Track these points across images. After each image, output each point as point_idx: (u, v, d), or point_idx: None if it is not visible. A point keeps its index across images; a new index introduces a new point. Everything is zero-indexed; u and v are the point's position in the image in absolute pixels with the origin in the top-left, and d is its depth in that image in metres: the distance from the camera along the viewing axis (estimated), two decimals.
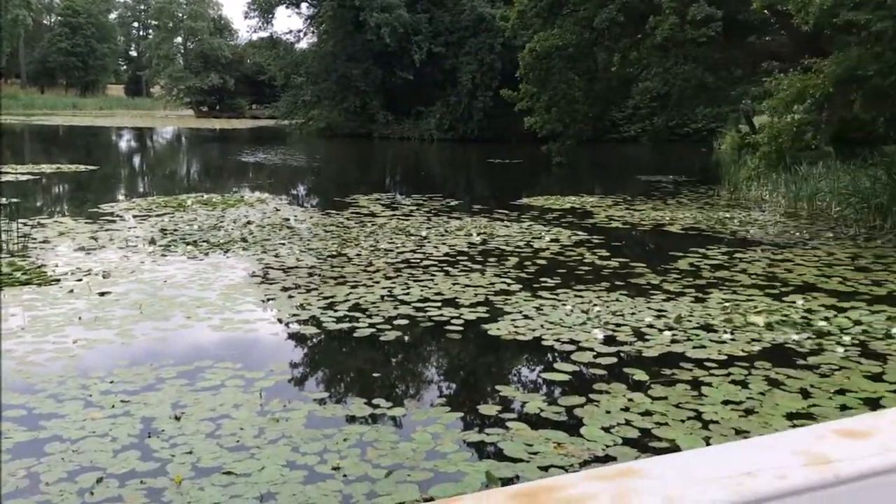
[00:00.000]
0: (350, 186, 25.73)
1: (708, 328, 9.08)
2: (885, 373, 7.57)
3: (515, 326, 9.14)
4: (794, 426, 5.23)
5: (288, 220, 17.64)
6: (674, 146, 45.46)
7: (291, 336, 9.21)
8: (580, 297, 10.54)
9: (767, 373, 7.57)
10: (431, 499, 5.12)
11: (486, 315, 9.67)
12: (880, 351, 8.24)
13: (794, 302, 10.26)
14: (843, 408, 6.66)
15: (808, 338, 8.70)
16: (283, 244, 14.44)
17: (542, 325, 9.15)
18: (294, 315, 9.75)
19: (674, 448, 5.84)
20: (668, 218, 18.59)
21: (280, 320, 9.68)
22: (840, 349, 8.27)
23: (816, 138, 21.11)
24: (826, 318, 9.48)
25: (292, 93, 59.32)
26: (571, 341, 8.57)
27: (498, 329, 9.08)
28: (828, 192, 20.22)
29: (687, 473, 1.12)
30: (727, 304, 10.12)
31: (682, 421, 6.46)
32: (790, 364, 7.84)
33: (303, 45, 61.64)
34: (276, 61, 61.37)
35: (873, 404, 6.72)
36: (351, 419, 6.60)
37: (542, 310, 9.84)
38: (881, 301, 10.42)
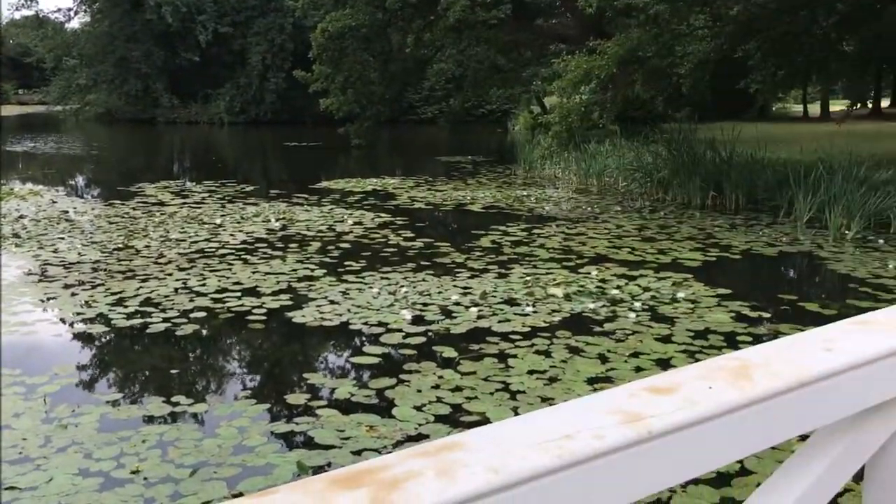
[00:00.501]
0: (135, 174, 24.36)
1: (511, 302, 9.41)
2: (674, 334, 8.19)
3: (321, 312, 9.03)
4: (595, 390, 5.54)
5: (67, 212, 16.39)
6: (471, 127, 46.81)
7: (77, 336, 8.56)
8: (386, 279, 10.59)
9: (568, 341, 7.96)
10: (240, 494, 4.94)
11: (290, 303, 9.48)
12: (668, 315, 8.91)
13: (589, 273, 10.88)
14: (638, 369, 7.14)
15: (604, 306, 9.25)
16: (63, 238, 13.39)
17: (348, 310, 9.10)
18: (79, 314, 9.07)
19: (484, 420, 6.01)
20: (469, 197, 19.10)
21: (63, 320, 8.97)
22: (632, 315, 8.86)
23: (603, 117, 22.46)
24: (618, 287, 10.12)
25: (65, 76, 55.25)
26: (380, 324, 8.58)
27: (303, 316, 8.92)
28: (615, 169, 21.63)
29: (509, 442, 1.11)
30: (528, 279, 10.55)
31: (491, 393, 6.66)
32: (588, 332, 8.30)
33: (74, 24, 57.54)
34: (44, 42, 56.90)
35: (664, 364, 7.26)
36: (149, 419, 6.24)
37: (348, 294, 9.78)
38: (667, 268, 11.27)
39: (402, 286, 10.16)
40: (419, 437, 5.77)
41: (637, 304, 9.26)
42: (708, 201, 17.56)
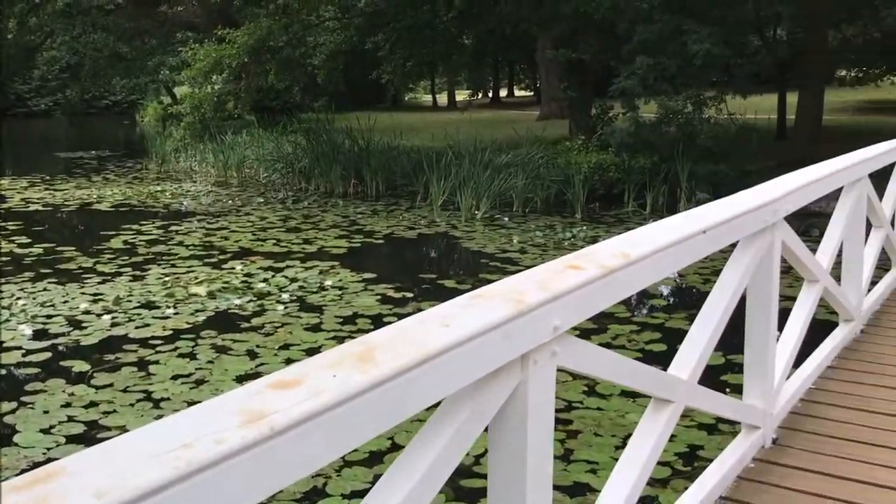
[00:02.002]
0: None
1: (150, 305, 8.91)
2: (323, 322, 8.34)
3: None
4: None
5: None
6: (93, 119, 43.52)
7: None
8: None
9: (214, 341, 7.74)
10: None
11: None
12: (317, 303, 9.05)
13: (234, 268, 10.68)
14: (289, 361, 7.16)
15: (250, 300, 9.13)
16: None
17: None
18: None
19: None
20: (95, 196, 17.74)
21: None
22: (280, 307, 8.86)
23: (238, 107, 22.17)
24: (265, 280, 10.06)
25: None
26: None
27: None
28: (255, 160, 21.45)
29: (122, 460, 1.02)
30: (167, 279, 10.08)
31: (132, 405, 6.25)
32: (235, 329, 8.15)
33: None
34: None
35: (315, 353, 7.36)
36: None
37: None
38: (313, 257, 11.44)
39: (20, 299, 9.14)
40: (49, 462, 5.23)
41: (285, 296, 9.28)
42: (350, 189, 18.15)
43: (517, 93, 56.82)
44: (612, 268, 1.89)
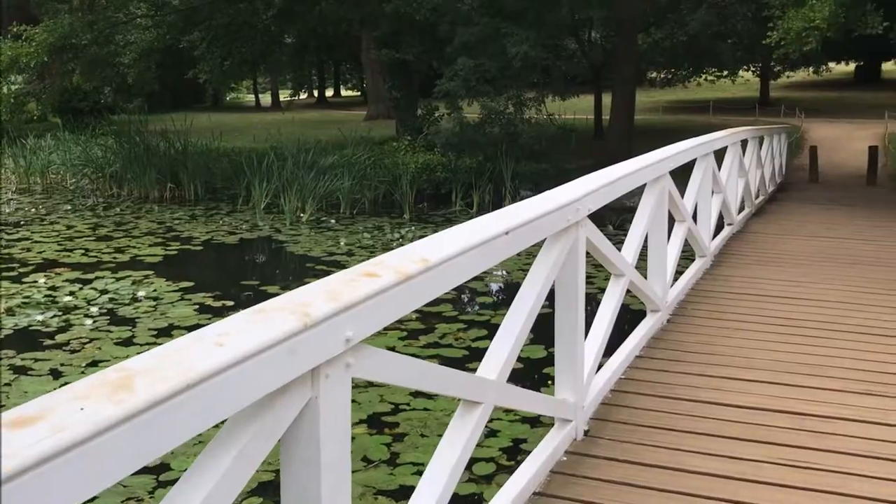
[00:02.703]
0: None
1: None
2: (136, 336, 7.91)
3: None
4: None
5: None
6: None
7: None
8: None
9: (12, 361, 7.17)
10: None
11: None
12: (129, 316, 8.58)
13: (37, 281, 9.96)
14: None
15: (55, 316, 8.54)
16: None
17: None
18: None
19: None
20: None
21: None
22: (89, 321, 8.34)
23: (40, 109, 20.73)
24: (72, 293, 9.44)
25: None
26: None
27: None
28: (61, 165, 20.16)
29: None
30: None
31: None
32: (37, 347, 7.58)
33: None
34: None
35: None
36: None
37: None
38: (126, 267, 10.85)
39: None
40: None
41: (94, 309, 8.75)
42: (166, 194, 17.40)
43: (344, 93, 56.59)
44: (410, 274, 1.86)
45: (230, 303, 9.21)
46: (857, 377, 4.24)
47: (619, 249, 4.24)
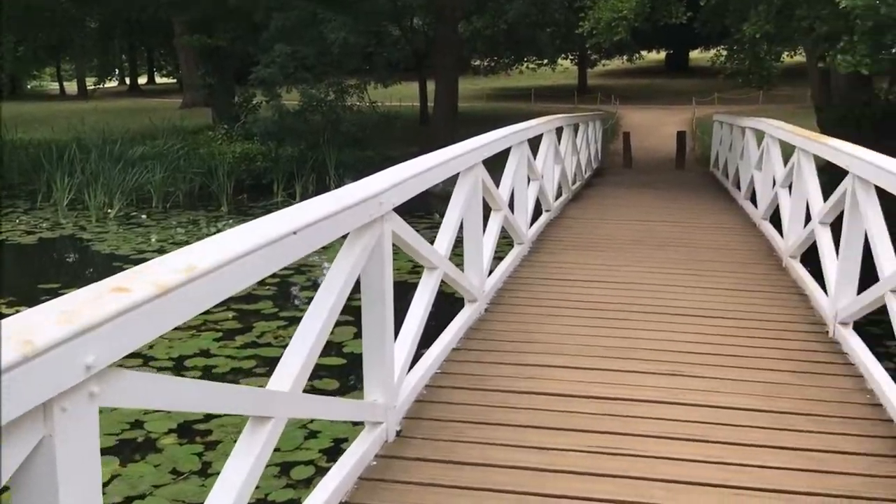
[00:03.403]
0: None
1: None
2: None
3: None
4: None
5: None
6: None
7: None
8: None
9: None
10: None
11: None
12: None
13: None
14: None
15: None
16: None
17: None
18: None
19: None
20: None
21: None
22: None
23: None
24: None
25: None
26: None
27: None
28: None
29: None
30: None
31: None
32: None
33: None
34: None
35: None
36: None
37: None
38: None
39: None
40: None
41: None
42: None
43: (160, 80, 54.09)
44: (170, 286, 1.68)
45: (24, 308, 8.50)
46: (665, 359, 4.40)
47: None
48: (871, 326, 5.13)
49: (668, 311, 5.34)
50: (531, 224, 7.57)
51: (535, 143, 8.04)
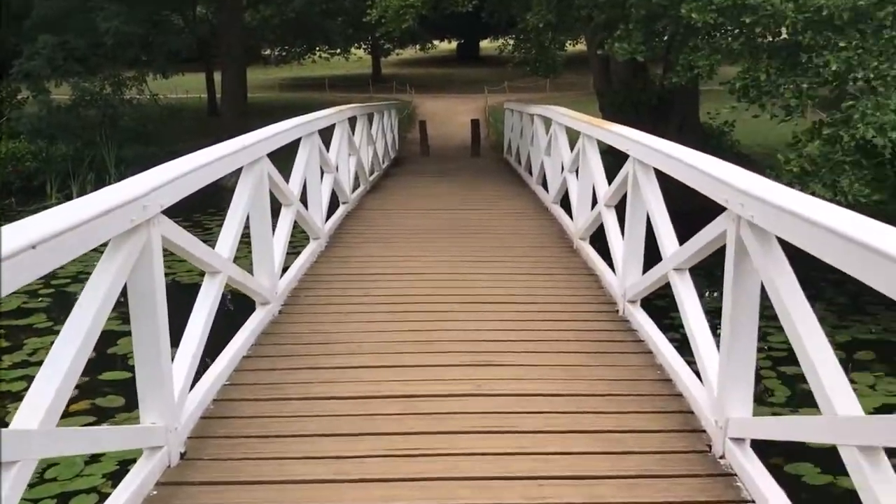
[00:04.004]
0: None
1: None
2: None
3: None
4: None
5: None
6: None
7: None
8: None
9: None
10: None
11: None
12: None
13: None
14: None
15: None
16: None
17: None
18: None
19: None
20: None
21: None
22: None
23: None
24: None
25: None
26: None
27: None
28: None
29: None
30: None
31: None
32: None
33: None
34: None
35: None
36: None
37: None
38: None
39: None
40: None
41: None
42: None
43: None
44: None
45: None
46: (469, 349, 4.36)
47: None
48: (658, 300, 5.35)
49: (470, 299, 5.33)
50: (327, 218, 7.37)
51: (328, 134, 7.85)
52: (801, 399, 6.79)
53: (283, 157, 5.55)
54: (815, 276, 2.59)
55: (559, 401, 3.69)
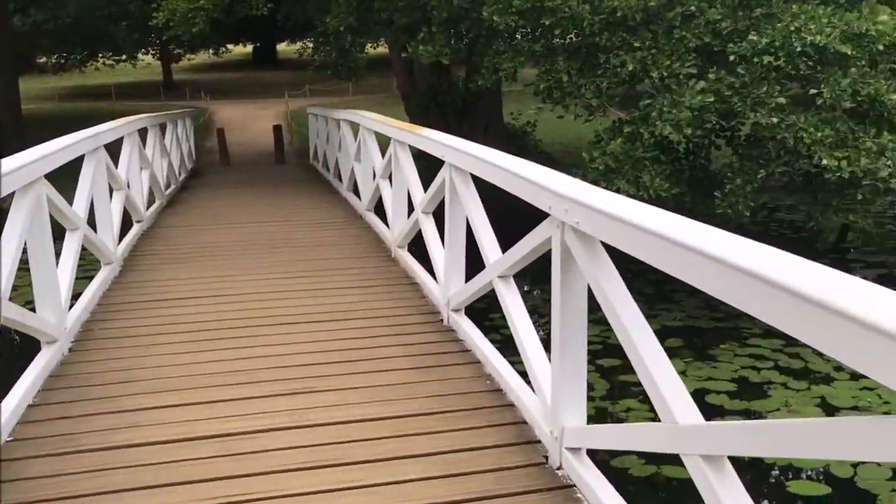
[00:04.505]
0: None
1: None
2: None
3: None
4: None
5: None
6: None
7: None
8: None
9: None
10: None
11: None
12: None
13: None
14: None
15: None
16: None
17: None
18: None
19: None
20: None
21: None
22: None
23: None
24: None
25: None
26: None
27: None
28: None
29: None
30: None
31: None
32: None
33: None
34: None
35: None
36: None
37: None
38: None
39: None
40: None
41: None
42: None
43: None
44: None
45: None
46: (286, 376, 4.11)
47: None
48: (478, 302, 5.30)
49: (284, 320, 5.06)
50: (120, 239, 6.83)
51: (117, 147, 7.30)
52: (621, 391, 7.03)
53: (65, 175, 5.06)
54: (620, 268, 2.58)
55: (387, 425, 3.53)
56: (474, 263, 4.53)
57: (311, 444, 3.35)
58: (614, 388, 7.26)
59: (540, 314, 7.74)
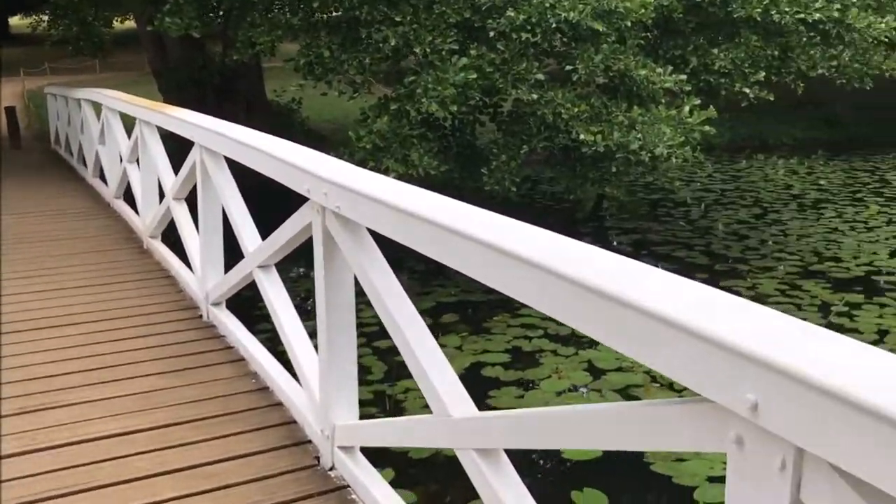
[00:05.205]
0: None
1: None
2: None
3: None
4: None
5: None
6: None
7: None
8: None
9: None
10: None
11: None
12: None
13: None
14: None
15: None
16: None
17: None
18: None
19: None
20: None
21: None
22: None
23: None
24: None
25: None
26: None
27: None
28: None
29: None
30: None
31: None
32: None
33: None
34: None
35: None
36: None
37: None
38: None
39: None
40: None
41: None
42: None
43: None
44: None
45: None
46: (16, 393, 3.63)
47: None
48: (246, 290, 5.02)
49: (17, 327, 4.51)
50: None
51: None
52: (399, 372, 6.97)
53: None
54: (392, 244, 2.43)
55: (140, 439, 3.20)
56: (236, 251, 4.24)
57: (46, 470, 2.96)
58: (392, 370, 7.21)
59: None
